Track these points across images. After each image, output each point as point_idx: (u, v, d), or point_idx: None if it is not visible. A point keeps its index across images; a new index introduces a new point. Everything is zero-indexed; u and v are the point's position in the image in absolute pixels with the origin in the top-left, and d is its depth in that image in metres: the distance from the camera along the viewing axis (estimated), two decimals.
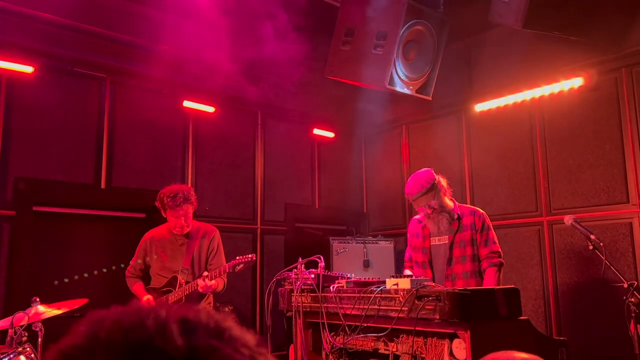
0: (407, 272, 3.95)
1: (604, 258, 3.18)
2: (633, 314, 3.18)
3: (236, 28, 5.63)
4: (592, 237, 3.26)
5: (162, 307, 0.59)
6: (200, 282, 3.73)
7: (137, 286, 3.99)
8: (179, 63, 5.22)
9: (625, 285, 3.24)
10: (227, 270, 3.84)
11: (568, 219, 3.44)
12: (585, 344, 4.82)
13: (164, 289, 3.93)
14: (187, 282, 3.85)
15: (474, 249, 3.64)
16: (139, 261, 4.05)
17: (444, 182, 3.79)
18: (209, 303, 4.07)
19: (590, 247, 3.27)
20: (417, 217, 3.94)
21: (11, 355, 3.07)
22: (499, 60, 5.66)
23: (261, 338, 0.65)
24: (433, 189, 3.66)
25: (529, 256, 5.34)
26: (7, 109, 4.57)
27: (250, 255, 3.91)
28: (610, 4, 4.49)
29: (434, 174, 3.78)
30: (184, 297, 3.84)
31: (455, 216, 3.73)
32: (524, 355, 1.36)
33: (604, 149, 4.93)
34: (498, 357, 1.36)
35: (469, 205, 3.89)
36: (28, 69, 4.59)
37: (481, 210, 3.80)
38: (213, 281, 3.74)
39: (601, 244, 3.27)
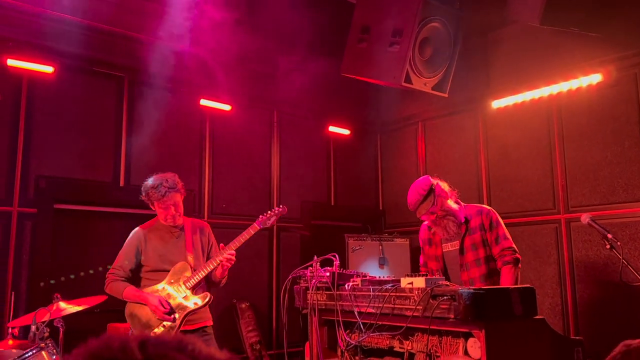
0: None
1: (621, 257, 3.15)
2: None
3: (252, 27, 5.67)
4: (609, 235, 3.23)
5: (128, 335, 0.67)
6: (219, 257, 3.57)
7: (130, 289, 3.54)
8: (195, 62, 5.27)
9: None
10: (257, 229, 3.73)
11: (585, 218, 3.40)
12: (602, 343, 4.76)
13: (172, 281, 3.59)
14: (195, 269, 3.62)
15: (487, 250, 3.53)
16: (128, 260, 3.63)
17: (444, 185, 3.66)
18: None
19: (607, 246, 3.24)
20: (426, 222, 3.80)
21: (34, 351, 3.14)
22: (516, 57, 5.61)
23: (233, 356, 0.70)
24: (431, 194, 3.54)
25: (546, 254, 5.31)
26: (29, 108, 4.66)
27: (279, 208, 3.92)
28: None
29: (431, 179, 3.66)
30: (201, 281, 3.61)
31: (462, 219, 3.61)
32: None
33: (622, 146, 4.87)
34: None
35: (475, 205, 3.75)
36: (48, 69, 4.68)
37: (487, 208, 3.69)
38: (233, 251, 3.59)
39: (618, 242, 3.23)
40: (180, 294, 3.55)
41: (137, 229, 3.77)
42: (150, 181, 3.64)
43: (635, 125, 4.82)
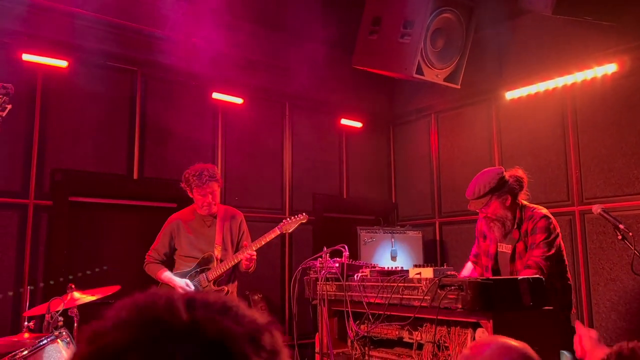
0: (468, 265, 3.71)
1: (633, 248, 3.12)
2: None
3: (263, 19, 5.67)
4: (621, 226, 3.19)
5: (175, 292, 0.69)
6: (241, 255, 3.80)
7: (162, 272, 3.89)
8: (207, 55, 5.30)
9: None
10: (277, 233, 3.91)
11: (596, 208, 3.36)
12: (616, 334, 4.74)
13: (199, 269, 3.89)
14: (221, 260, 3.87)
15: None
16: (164, 245, 3.98)
17: (515, 184, 3.37)
18: (233, 289, 4.06)
19: (619, 237, 3.20)
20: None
21: (49, 339, 3.20)
22: (530, 47, 5.55)
23: (276, 323, 0.72)
24: (488, 195, 3.30)
25: None
26: (44, 102, 4.73)
27: (301, 215, 4.05)
28: None
29: (502, 177, 3.36)
30: (224, 274, 3.87)
31: (515, 225, 3.36)
32: (513, 342, 1.37)
33: (638, 137, 4.81)
34: (486, 342, 1.37)
35: (533, 208, 3.42)
36: (62, 63, 4.73)
37: (540, 213, 3.36)
38: (253, 251, 3.82)
39: (630, 233, 3.19)
40: (202, 284, 3.84)
41: (172, 216, 4.09)
42: (192, 169, 3.90)
43: None
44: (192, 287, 3.77)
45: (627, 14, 4.30)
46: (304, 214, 4.12)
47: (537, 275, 2.79)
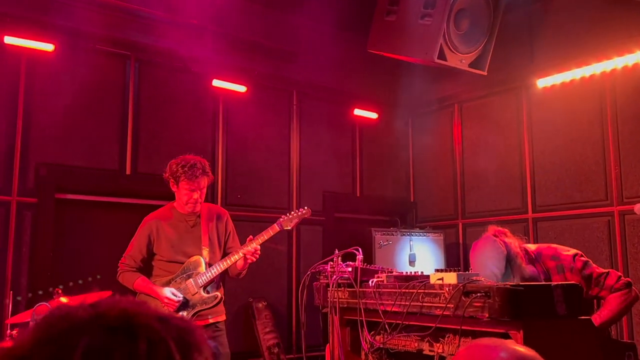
0: None
1: None
2: None
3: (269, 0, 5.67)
4: None
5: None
6: (244, 250, 3.69)
7: (141, 281, 3.67)
8: (207, 39, 5.30)
9: None
10: (277, 230, 3.83)
11: (638, 208, 3.33)
12: None
13: (184, 275, 3.71)
14: (210, 264, 3.73)
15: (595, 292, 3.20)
16: (141, 250, 3.74)
17: (511, 246, 3.28)
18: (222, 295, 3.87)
19: None
20: None
21: None
22: (565, 30, 5.50)
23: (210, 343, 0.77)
24: (507, 272, 3.21)
25: (597, 250, 5.22)
26: (27, 90, 4.75)
27: (303, 209, 3.97)
28: None
29: (504, 253, 3.24)
30: (215, 278, 3.71)
31: (542, 278, 3.24)
32: (522, 348, 1.35)
33: None
34: (492, 345, 1.35)
35: (548, 252, 3.34)
36: (48, 47, 4.75)
37: (566, 256, 3.29)
38: (258, 246, 3.72)
39: None
40: (191, 291, 3.64)
41: (148, 216, 3.88)
42: (181, 159, 3.74)
43: None
44: (180, 297, 3.60)
45: None
46: (306, 207, 4.04)
47: (572, 282, 2.76)
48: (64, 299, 3.48)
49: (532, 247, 3.42)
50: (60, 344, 0.67)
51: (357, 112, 6.65)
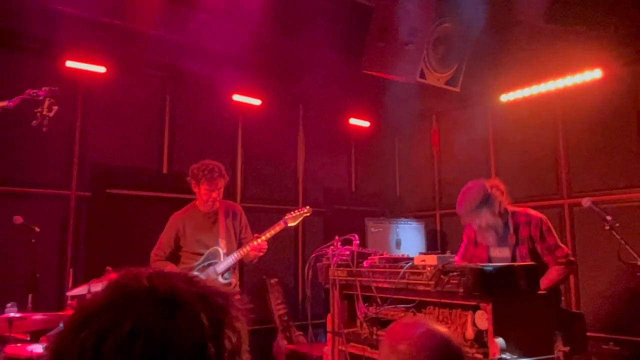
0: None
1: (619, 237, 3.09)
2: None
3: (281, 29, 5.65)
4: (608, 218, 3.17)
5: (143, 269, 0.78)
6: (251, 245, 3.65)
7: (170, 268, 3.60)
8: (229, 61, 5.30)
9: (639, 263, 3.14)
10: (282, 226, 3.78)
11: (586, 201, 3.33)
12: (601, 317, 4.71)
13: (206, 263, 3.70)
14: (227, 254, 3.72)
15: (536, 261, 3.21)
16: (169, 243, 3.76)
17: (498, 194, 3.32)
18: (235, 280, 3.88)
19: (607, 228, 3.18)
20: None
21: None
22: (524, 53, 5.47)
23: (242, 298, 0.78)
24: (478, 208, 3.27)
25: None
26: (84, 104, 4.77)
27: (305, 209, 3.92)
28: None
29: (486, 188, 3.31)
30: (231, 267, 3.71)
31: (511, 229, 3.33)
32: (439, 328, 1.34)
33: (621, 136, 4.77)
34: (413, 324, 1.33)
35: (525, 212, 3.40)
36: (101, 69, 4.76)
37: (537, 217, 3.35)
38: (264, 241, 3.68)
39: (617, 224, 3.17)
40: (211, 277, 3.62)
41: (175, 215, 3.84)
42: (201, 164, 3.70)
43: (633, 116, 4.72)
44: None
45: (610, 24, 4.25)
46: (307, 207, 4.00)
47: (531, 263, 2.78)
48: (113, 276, 3.48)
49: (510, 207, 3.44)
50: (117, 310, 0.69)
51: (352, 121, 6.64)
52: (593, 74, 4.96)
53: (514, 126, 5.70)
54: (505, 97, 5.75)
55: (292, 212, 3.92)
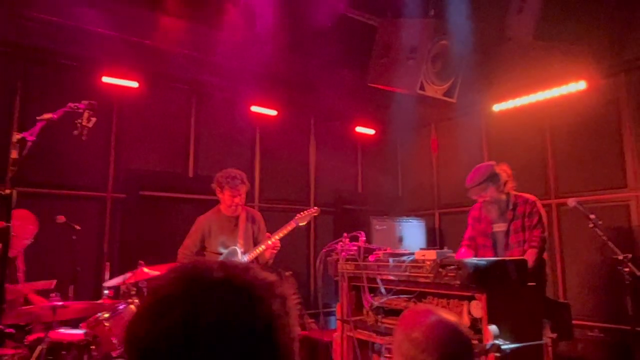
0: (462, 249, 3.71)
1: (601, 234, 3.06)
2: (627, 282, 3.05)
3: (294, 46, 5.67)
4: (592, 216, 3.13)
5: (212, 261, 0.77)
6: (266, 243, 3.65)
7: None
8: (248, 76, 5.33)
9: (620, 257, 3.11)
10: (293, 225, 3.76)
11: (572, 202, 3.31)
12: (585, 306, 4.66)
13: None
14: (244, 253, 3.72)
15: (526, 235, 3.37)
16: (195, 243, 3.77)
17: (503, 175, 3.43)
18: None
19: (591, 225, 3.15)
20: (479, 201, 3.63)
21: (124, 305, 3.27)
22: (515, 67, 5.44)
23: (287, 285, 0.78)
24: (485, 182, 3.38)
25: None
26: (119, 116, 4.83)
27: (313, 209, 3.91)
28: (609, 16, 4.26)
29: (493, 167, 3.44)
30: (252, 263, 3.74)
31: (511, 206, 3.43)
32: (448, 316, 1.32)
33: (604, 142, 4.72)
34: (424, 312, 1.31)
35: (526, 195, 3.50)
36: (134, 84, 4.81)
37: (533, 198, 3.44)
38: (277, 240, 3.67)
39: (600, 222, 3.13)
40: None
41: (201, 218, 3.84)
42: (225, 172, 3.71)
43: (614, 124, 4.67)
44: None
45: (594, 40, 4.22)
46: (316, 207, 3.99)
47: (521, 258, 2.76)
48: (145, 269, 3.52)
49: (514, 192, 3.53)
50: (198, 301, 0.68)
51: (359, 129, 6.64)
52: (578, 86, 4.91)
53: (506, 133, 5.66)
54: (498, 107, 5.72)
55: (302, 213, 3.91)
